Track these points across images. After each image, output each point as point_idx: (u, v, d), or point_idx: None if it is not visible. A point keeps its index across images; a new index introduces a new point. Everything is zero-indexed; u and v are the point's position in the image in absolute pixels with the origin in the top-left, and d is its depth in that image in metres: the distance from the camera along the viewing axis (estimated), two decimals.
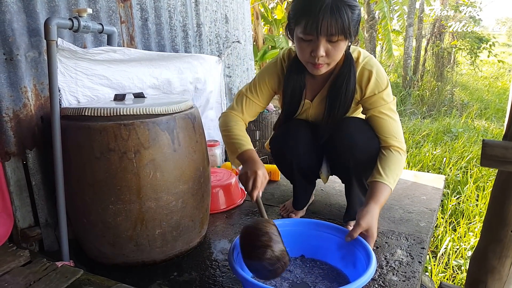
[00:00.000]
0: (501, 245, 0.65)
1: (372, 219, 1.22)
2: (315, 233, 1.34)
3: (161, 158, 1.31)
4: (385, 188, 1.31)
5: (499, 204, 0.66)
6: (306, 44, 1.27)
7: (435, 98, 7.17)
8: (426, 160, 3.76)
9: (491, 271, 0.67)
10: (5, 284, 1.22)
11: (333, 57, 1.28)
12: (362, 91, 1.42)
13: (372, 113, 1.42)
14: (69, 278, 1.23)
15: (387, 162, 1.36)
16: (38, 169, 1.48)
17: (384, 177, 1.32)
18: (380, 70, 1.40)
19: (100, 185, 1.29)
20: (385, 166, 1.35)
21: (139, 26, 1.95)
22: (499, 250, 0.66)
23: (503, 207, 0.65)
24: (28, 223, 1.51)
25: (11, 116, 1.39)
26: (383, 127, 1.40)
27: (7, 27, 1.35)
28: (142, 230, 1.34)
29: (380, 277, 1.30)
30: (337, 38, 1.22)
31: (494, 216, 0.67)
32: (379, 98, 1.39)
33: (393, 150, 1.39)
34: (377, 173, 1.34)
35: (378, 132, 1.42)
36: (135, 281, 1.32)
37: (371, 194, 1.30)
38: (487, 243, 0.68)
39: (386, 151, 1.39)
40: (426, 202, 1.89)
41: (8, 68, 1.37)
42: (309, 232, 1.35)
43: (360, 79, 1.41)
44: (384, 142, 1.41)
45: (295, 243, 1.32)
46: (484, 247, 0.69)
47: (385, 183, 1.31)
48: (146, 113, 1.29)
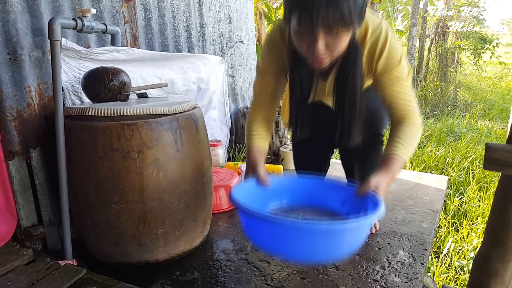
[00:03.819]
0: (504, 249, 0.65)
1: (382, 182, 1.13)
2: (319, 190, 1.27)
3: (164, 158, 1.32)
4: (398, 160, 1.20)
5: (502, 208, 0.66)
6: (302, 37, 1.12)
7: (438, 98, 7.15)
8: (429, 161, 3.75)
9: (493, 275, 0.67)
10: (9, 282, 1.23)
11: (335, 50, 1.12)
12: (373, 67, 1.28)
13: (385, 90, 1.29)
14: (72, 277, 1.24)
15: (402, 133, 1.24)
16: (41, 168, 1.49)
17: (398, 149, 1.21)
18: (391, 44, 1.24)
19: (103, 184, 1.29)
20: (400, 138, 1.23)
21: (143, 26, 1.95)
22: (502, 254, 0.65)
23: (506, 211, 0.64)
24: (32, 222, 1.52)
25: (15, 115, 1.40)
26: (397, 101, 1.28)
27: (11, 27, 1.36)
28: (145, 229, 1.34)
29: (382, 278, 1.30)
30: (337, 30, 1.05)
31: (497, 220, 0.67)
32: (392, 76, 1.26)
33: (408, 122, 1.27)
34: (391, 146, 1.23)
35: (392, 107, 1.30)
36: (138, 281, 1.32)
37: (383, 164, 1.20)
38: (490, 247, 0.68)
39: (401, 123, 1.27)
40: (429, 203, 1.89)
41: (12, 67, 1.38)
42: (312, 190, 1.28)
43: (369, 57, 1.26)
44: (399, 115, 1.28)
45: (298, 200, 1.28)
46: (487, 250, 0.68)
47: (398, 155, 1.20)
48: (149, 113, 1.29)
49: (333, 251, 0.99)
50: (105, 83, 1.43)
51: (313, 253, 0.98)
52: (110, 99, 1.47)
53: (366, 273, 1.33)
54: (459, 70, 8.80)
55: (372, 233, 1.60)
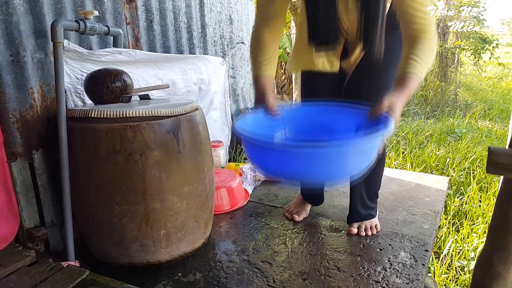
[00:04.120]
0: (507, 252, 0.65)
1: (397, 102, 1.07)
2: (332, 116, 1.20)
3: (166, 159, 1.32)
4: (414, 79, 1.12)
5: (504, 211, 0.66)
6: None
7: (438, 98, 7.15)
8: (430, 161, 3.75)
9: (496, 277, 0.67)
10: (12, 284, 1.23)
11: None
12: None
13: (404, 3, 1.18)
14: (75, 279, 1.24)
15: (418, 50, 1.14)
16: (44, 170, 1.50)
17: (414, 67, 1.12)
18: None
19: (106, 186, 1.30)
20: (415, 55, 1.14)
21: (145, 28, 1.96)
22: (504, 256, 0.66)
23: (508, 214, 0.65)
24: (34, 223, 1.52)
25: (18, 117, 1.40)
26: (415, 15, 1.17)
27: (14, 29, 1.36)
28: (147, 230, 1.35)
29: (383, 279, 1.31)
30: None
31: (499, 223, 0.67)
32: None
33: (424, 38, 1.16)
34: (406, 63, 1.13)
35: (409, 22, 1.19)
36: (140, 281, 1.33)
37: (398, 82, 1.13)
38: (493, 249, 0.68)
39: (417, 39, 1.16)
40: (430, 204, 1.89)
41: (15, 69, 1.38)
42: (324, 118, 1.21)
43: None
44: (415, 31, 1.18)
45: (309, 128, 1.21)
46: (489, 253, 0.69)
47: (414, 73, 1.12)
48: (152, 115, 1.30)
49: (341, 170, 0.95)
50: (107, 85, 1.44)
51: (323, 173, 0.94)
52: (113, 101, 1.47)
53: (368, 274, 1.34)
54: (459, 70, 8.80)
55: (374, 234, 1.61)
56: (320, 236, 1.61)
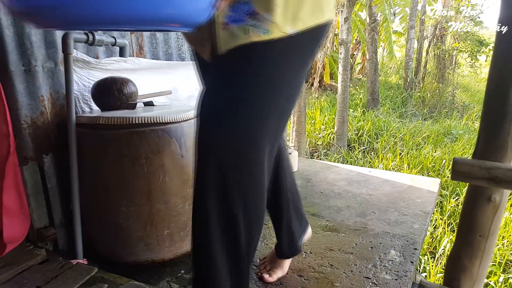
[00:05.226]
0: (471, 248, 0.74)
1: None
2: None
3: (169, 163, 1.40)
4: None
5: (469, 212, 0.75)
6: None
7: (436, 99, 7.24)
8: (426, 162, 3.83)
9: (463, 270, 0.76)
10: (25, 280, 1.31)
11: None
12: None
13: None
14: (85, 276, 1.32)
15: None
16: (53, 173, 1.58)
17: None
18: None
19: (113, 188, 1.38)
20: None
21: (148, 36, 2.04)
22: (469, 252, 0.75)
23: (472, 215, 0.74)
24: (44, 224, 1.60)
25: (29, 123, 1.48)
26: None
27: (26, 40, 1.44)
28: (151, 230, 1.43)
29: (374, 275, 1.39)
30: None
31: (465, 222, 0.76)
32: None
33: None
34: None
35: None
36: (145, 279, 1.41)
37: None
38: (460, 246, 0.77)
39: None
40: (421, 205, 1.97)
41: (27, 78, 1.46)
42: None
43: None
44: None
45: None
46: (458, 249, 0.78)
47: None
48: (156, 122, 1.38)
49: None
50: (114, 93, 1.52)
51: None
52: (119, 108, 1.56)
53: (359, 271, 1.42)
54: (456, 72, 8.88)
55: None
56: (315, 235, 1.69)
